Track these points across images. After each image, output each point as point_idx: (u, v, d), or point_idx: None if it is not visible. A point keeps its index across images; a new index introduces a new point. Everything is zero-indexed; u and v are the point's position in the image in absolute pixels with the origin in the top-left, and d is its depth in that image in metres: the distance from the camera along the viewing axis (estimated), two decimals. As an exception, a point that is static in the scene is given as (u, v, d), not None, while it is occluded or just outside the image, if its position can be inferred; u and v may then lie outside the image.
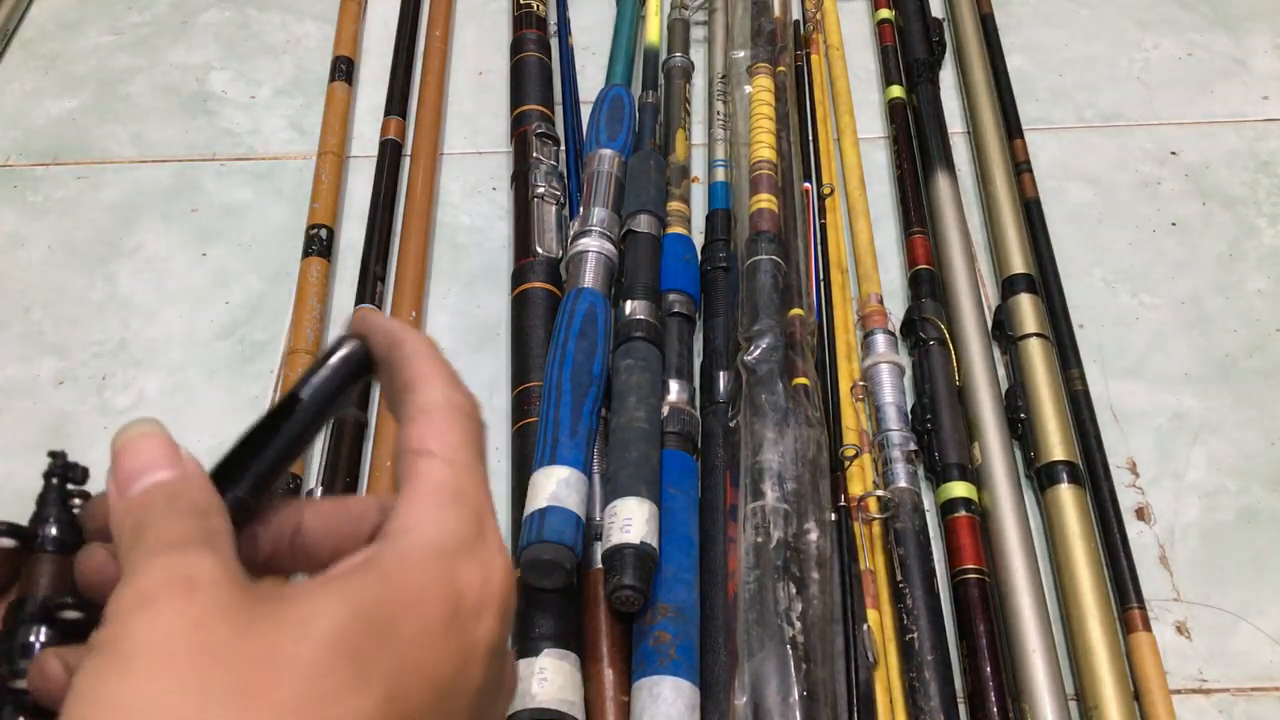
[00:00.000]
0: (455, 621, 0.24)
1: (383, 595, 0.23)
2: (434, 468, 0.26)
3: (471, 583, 0.25)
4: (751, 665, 0.53)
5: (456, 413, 0.27)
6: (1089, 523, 0.63)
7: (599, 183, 0.75)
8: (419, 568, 0.24)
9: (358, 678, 0.22)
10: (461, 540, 0.25)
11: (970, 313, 0.72)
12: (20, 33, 0.98)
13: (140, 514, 0.24)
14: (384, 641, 0.22)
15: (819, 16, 0.93)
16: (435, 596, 0.24)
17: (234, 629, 0.22)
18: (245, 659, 0.21)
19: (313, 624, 0.22)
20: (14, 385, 0.73)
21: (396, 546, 0.25)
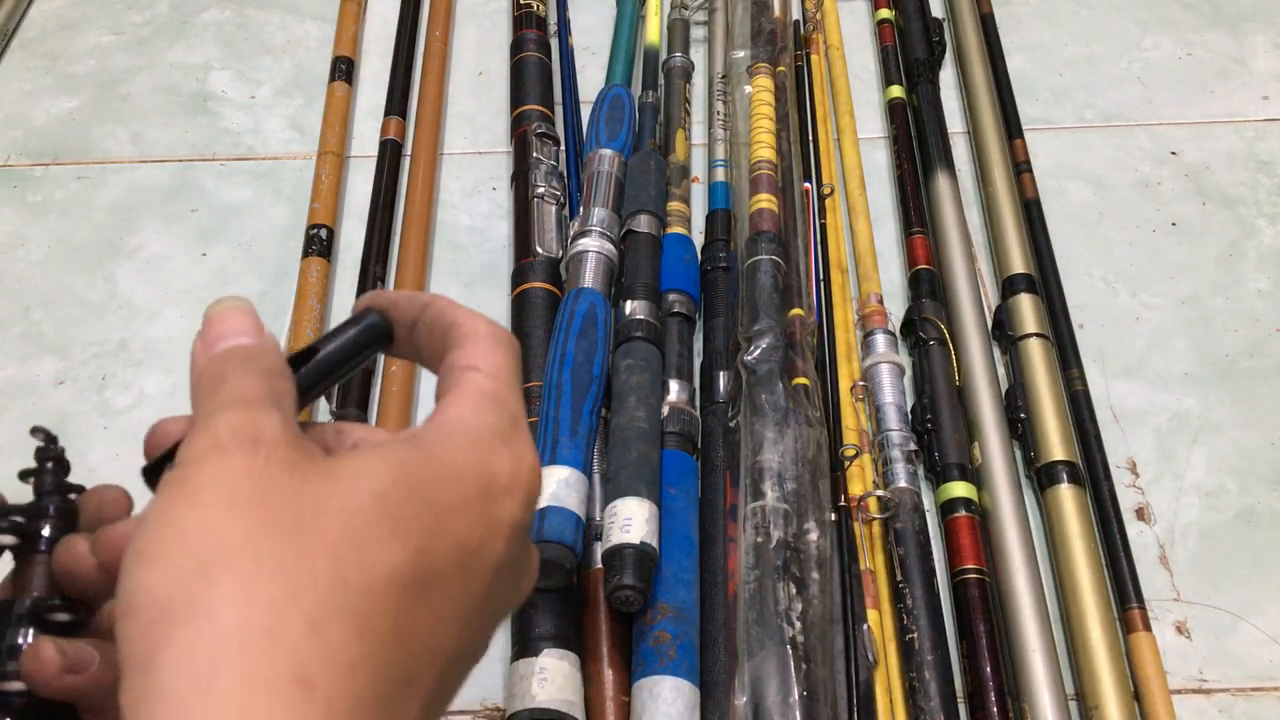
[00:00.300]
0: (486, 497, 0.27)
1: (424, 465, 0.26)
2: (477, 378, 0.29)
3: (503, 468, 0.27)
4: (751, 665, 0.53)
5: (499, 340, 0.30)
6: (1089, 523, 0.63)
7: (599, 183, 0.75)
8: (458, 447, 0.27)
9: (395, 531, 0.24)
10: (497, 432, 0.28)
11: (970, 313, 0.72)
12: (20, 33, 0.98)
13: (220, 368, 0.27)
14: (421, 505, 0.25)
15: (819, 16, 0.93)
16: (470, 473, 0.26)
17: (292, 478, 0.24)
18: (298, 505, 0.24)
19: (360, 481, 0.25)
20: (14, 385, 0.73)
21: (439, 429, 0.27)
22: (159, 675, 0.22)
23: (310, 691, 0.22)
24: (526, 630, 0.56)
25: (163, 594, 0.22)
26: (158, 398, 0.72)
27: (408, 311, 0.31)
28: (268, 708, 0.21)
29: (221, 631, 0.22)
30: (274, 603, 0.22)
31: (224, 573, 0.22)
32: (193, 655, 0.22)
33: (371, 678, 0.23)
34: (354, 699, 0.23)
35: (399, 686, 0.24)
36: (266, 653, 0.22)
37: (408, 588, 0.24)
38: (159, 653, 0.22)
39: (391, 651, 0.24)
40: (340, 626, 0.23)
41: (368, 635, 0.23)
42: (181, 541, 0.23)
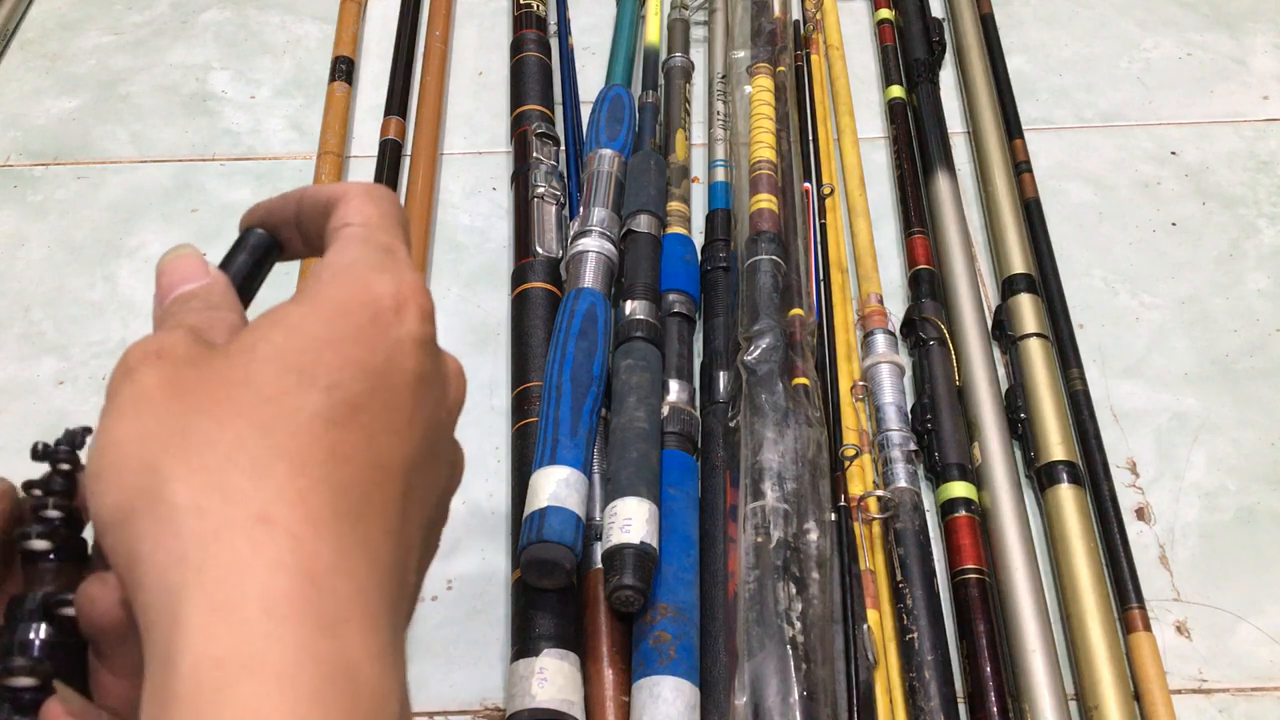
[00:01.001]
0: (377, 322, 0.28)
1: (309, 315, 0.28)
2: (350, 230, 0.31)
3: (385, 291, 0.28)
4: (751, 665, 0.53)
5: (370, 195, 0.32)
6: (1089, 523, 0.63)
7: (599, 183, 0.75)
8: (335, 288, 0.28)
9: (301, 379, 0.26)
10: (371, 263, 0.29)
11: (970, 313, 0.72)
12: (20, 33, 0.98)
13: (162, 317, 0.30)
14: (317, 349, 0.27)
15: (819, 16, 0.93)
16: (354, 304, 0.28)
17: (197, 370, 0.27)
18: (208, 387, 0.26)
19: (256, 350, 0.27)
20: (14, 385, 0.73)
21: (314, 278, 0.29)
22: (141, 563, 0.24)
23: (270, 525, 0.24)
24: (526, 630, 0.56)
25: (121, 501, 0.25)
26: (158, 398, 0.72)
27: (285, 212, 0.33)
28: (235, 549, 0.24)
29: (178, 504, 0.24)
30: (213, 468, 0.25)
31: (163, 460, 0.25)
32: (161, 533, 0.24)
33: (322, 501, 0.25)
34: (313, 522, 0.25)
35: (353, 502, 0.26)
36: (221, 507, 0.24)
37: (331, 419, 0.26)
38: (135, 546, 0.24)
39: (335, 475, 0.26)
40: (281, 467, 0.25)
41: (307, 467, 0.25)
42: (118, 451, 0.26)
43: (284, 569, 0.24)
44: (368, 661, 0.24)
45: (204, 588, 0.23)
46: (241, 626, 0.23)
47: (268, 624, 0.23)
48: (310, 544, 0.25)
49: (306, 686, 0.23)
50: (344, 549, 0.25)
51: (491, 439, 0.69)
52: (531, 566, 0.55)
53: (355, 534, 0.26)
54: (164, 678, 0.23)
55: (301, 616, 0.24)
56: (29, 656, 0.28)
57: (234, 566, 0.24)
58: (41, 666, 0.28)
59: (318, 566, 0.24)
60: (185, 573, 0.24)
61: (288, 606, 0.23)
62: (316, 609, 0.24)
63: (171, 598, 0.23)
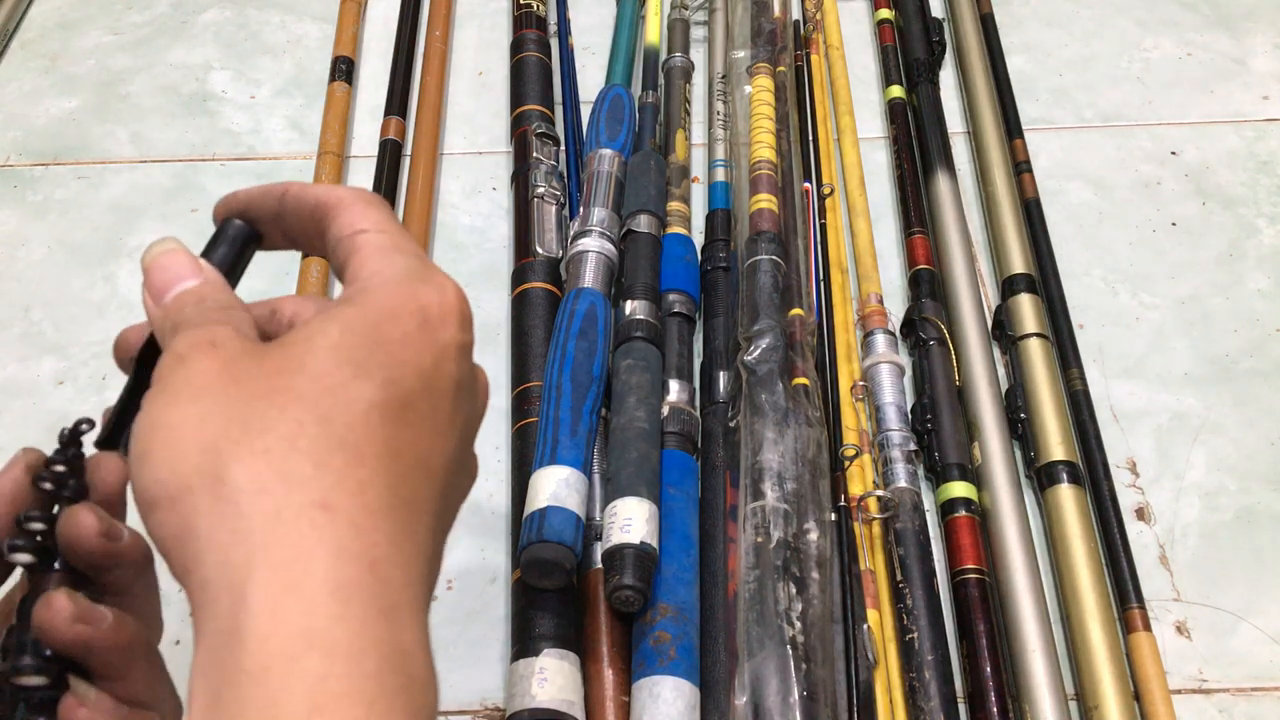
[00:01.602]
0: (425, 328, 0.29)
1: (363, 315, 0.28)
2: (369, 237, 0.31)
3: (431, 300, 0.29)
4: (751, 665, 0.53)
5: (369, 200, 0.32)
6: (1089, 523, 0.63)
7: (599, 183, 0.75)
8: (386, 294, 0.29)
9: (358, 372, 0.27)
10: (413, 273, 0.30)
11: (970, 313, 0.72)
12: (20, 33, 0.98)
13: (175, 316, 0.30)
14: (372, 345, 0.28)
15: (819, 16, 0.93)
16: (405, 312, 0.29)
17: (253, 362, 0.27)
18: (266, 376, 0.27)
19: (314, 341, 0.28)
20: (14, 385, 0.73)
21: (363, 286, 0.30)
22: (197, 539, 0.25)
23: (331, 512, 0.25)
24: (526, 630, 0.56)
25: (175, 479, 0.25)
26: (158, 398, 0.72)
27: (266, 206, 0.33)
28: (299, 532, 0.25)
29: (240, 485, 0.25)
30: (275, 452, 0.25)
31: (223, 444, 0.25)
32: (222, 512, 0.25)
33: (379, 493, 0.26)
34: (369, 512, 0.26)
35: (404, 497, 0.27)
36: (283, 491, 0.25)
37: (386, 413, 0.27)
38: (192, 522, 0.25)
39: (390, 468, 0.27)
40: (340, 457, 0.26)
41: (365, 459, 0.26)
42: (175, 433, 0.26)
43: (347, 555, 0.25)
44: (417, 648, 0.26)
45: (271, 566, 0.24)
46: (310, 606, 0.24)
47: (335, 605, 0.24)
48: (369, 533, 0.25)
49: (370, 666, 0.24)
50: (397, 540, 0.26)
51: (491, 439, 0.69)
52: (531, 566, 0.55)
53: (405, 527, 0.27)
54: (229, 651, 0.23)
55: (364, 601, 0.24)
56: (39, 656, 0.28)
57: (300, 548, 0.24)
58: (51, 665, 0.28)
59: (376, 555, 0.25)
60: (251, 550, 0.24)
61: (352, 590, 0.24)
62: (377, 595, 0.25)
63: (235, 574, 0.24)
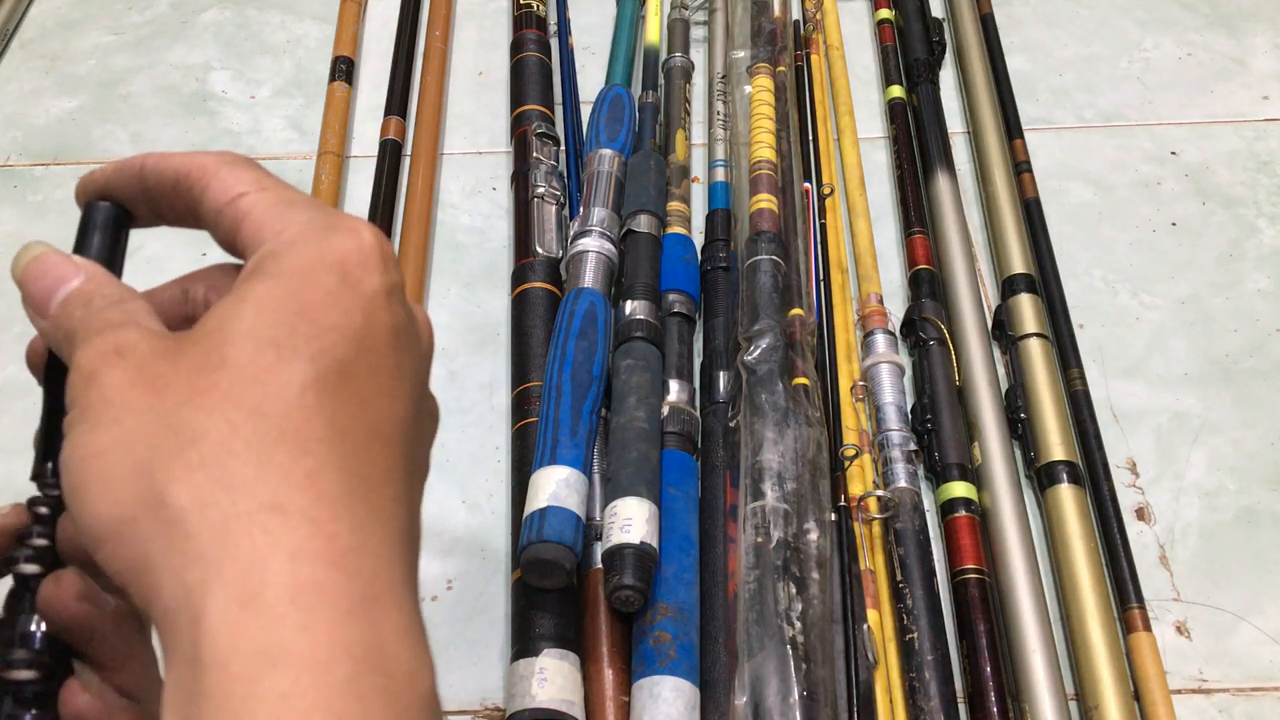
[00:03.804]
0: (346, 281, 0.27)
1: (275, 285, 0.26)
2: (254, 198, 0.29)
3: (347, 248, 0.27)
4: (751, 665, 0.53)
5: (233, 161, 0.30)
6: (1089, 523, 0.63)
7: (599, 183, 0.75)
8: (296, 255, 0.27)
9: (282, 352, 0.25)
10: (319, 224, 0.28)
11: (970, 313, 0.72)
12: (20, 33, 0.98)
13: (66, 325, 0.28)
14: (293, 318, 0.26)
15: (819, 16, 0.93)
16: (321, 268, 0.27)
17: (167, 363, 0.25)
18: (185, 378, 0.25)
19: (228, 329, 0.25)
20: (14, 385, 0.73)
21: (267, 252, 0.27)
22: (152, 569, 0.23)
23: (283, 513, 0.23)
24: (526, 630, 0.56)
25: (115, 511, 0.24)
26: (158, 398, 0.72)
27: (128, 184, 0.32)
28: (251, 543, 0.23)
29: (182, 505, 0.23)
30: (211, 461, 0.24)
31: (156, 464, 0.24)
32: (170, 536, 0.23)
33: (332, 479, 0.24)
34: (325, 503, 0.24)
35: (362, 475, 0.25)
36: (228, 501, 0.23)
37: (323, 389, 0.25)
38: (143, 551, 0.23)
39: (339, 449, 0.25)
40: (282, 450, 0.24)
41: (310, 446, 0.24)
42: (103, 461, 0.24)
43: (304, 556, 0.23)
44: (397, 640, 0.24)
45: (224, 582, 0.23)
46: (268, 618, 0.22)
47: (295, 614, 0.23)
48: (328, 526, 0.24)
49: (340, 674, 0.22)
50: (360, 525, 0.25)
51: (491, 439, 0.69)
52: (531, 566, 0.55)
53: (369, 507, 0.25)
54: (192, 677, 0.22)
55: (330, 602, 0.23)
56: (30, 649, 0.28)
57: (253, 559, 0.23)
58: (42, 659, 0.28)
59: (338, 548, 0.24)
60: (204, 569, 0.23)
61: (314, 594, 0.23)
62: (344, 592, 0.23)
63: (191, 596, 0.23)
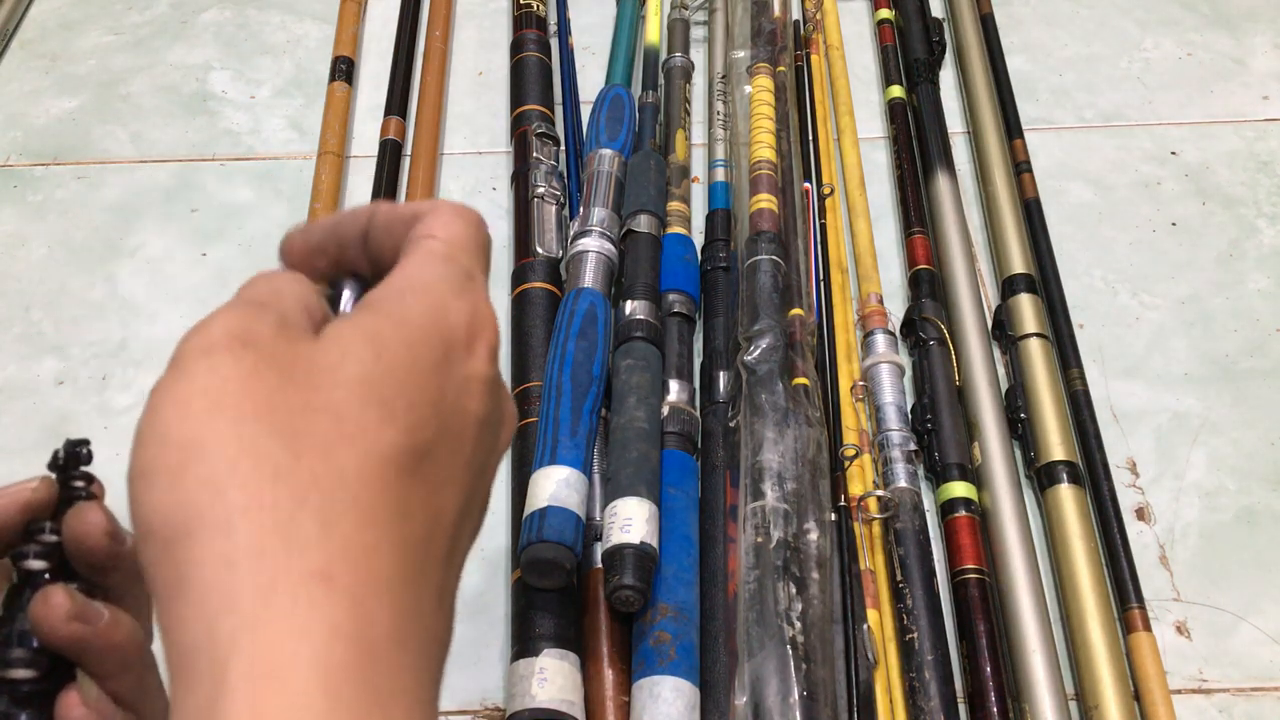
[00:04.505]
0: (450, 356, 0.27)
1: (394, 332, 0.26)
2: (431, 243, 0.29)
3: (460, 320, 0.27)
4: (751, 665, 0.53)
5: (460, 214, 0.31)
6: (1089, 523, 0.63)
7: (599, 183, 0.75)
8: (416, 305, 0.27)
9: (383, 415, 0.25)
10: (448, 283, 0.28)
11: (970, 313, 0.72)
12: (20, 33, 0.98)
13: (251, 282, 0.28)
14: (402, 378, 0.25)
15: (819, 16, 0.93)
16: (433, 332, 0.26)
17: (280, 378, 0.24)
18: (288, 405, 0.24)
19: (343, 369, 0.25)
20: (14, 385, 0.73)
21: (395, 287, 0.27)
22: (187, 596, 0.22)
23: (331, 584, 0.22)
24: (526, 630, 0.56)
25: (173, 512, 0.23)
26: (158, 398, 0.72)
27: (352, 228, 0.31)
28: (293, 608, 0.22)
29: (237, 542, 0.22)
30: (281, 506, 0.23)
31: (228, 483, 0.23)
32: (216, 569, 0.22)
33: (388, 558, 0.24)
34: (375, 583, 0.23)
35: (416, 559, 0.25)
36: (283, 556, 0.22)
37: (403, 466, 0.25)
38: (184, 572, 0.23)
39: (401, 529, 0.24)
40: (350, 518, 0.23)
41: (376, 521, 0.24)
42: (179, 454, 0.23)
43: (342, 636, 0.22)
44: None
45: (256, 646, 0.22)
46: (295, 700, 0.21)
47: (322, 699, 0.21)
48: (371, 609, 0.23)
49: None
50: (401, 614, 0.24)
51: (491, 439, 0.69)
52: (531, 566, 0.55)
53: (411, 597, 0.24)
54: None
55: (357, 692, 0.22)
56: (28, 648, 0.28)
57: (290, 627, 0.22)
58: (40, 659, 0.28)
59: (376, 634, 0.23)
60: (238, 624, 0.22)
61: (343, 679, 0.22)
62: (372, 683, 0.22)
63: (219, 650, 0.22)
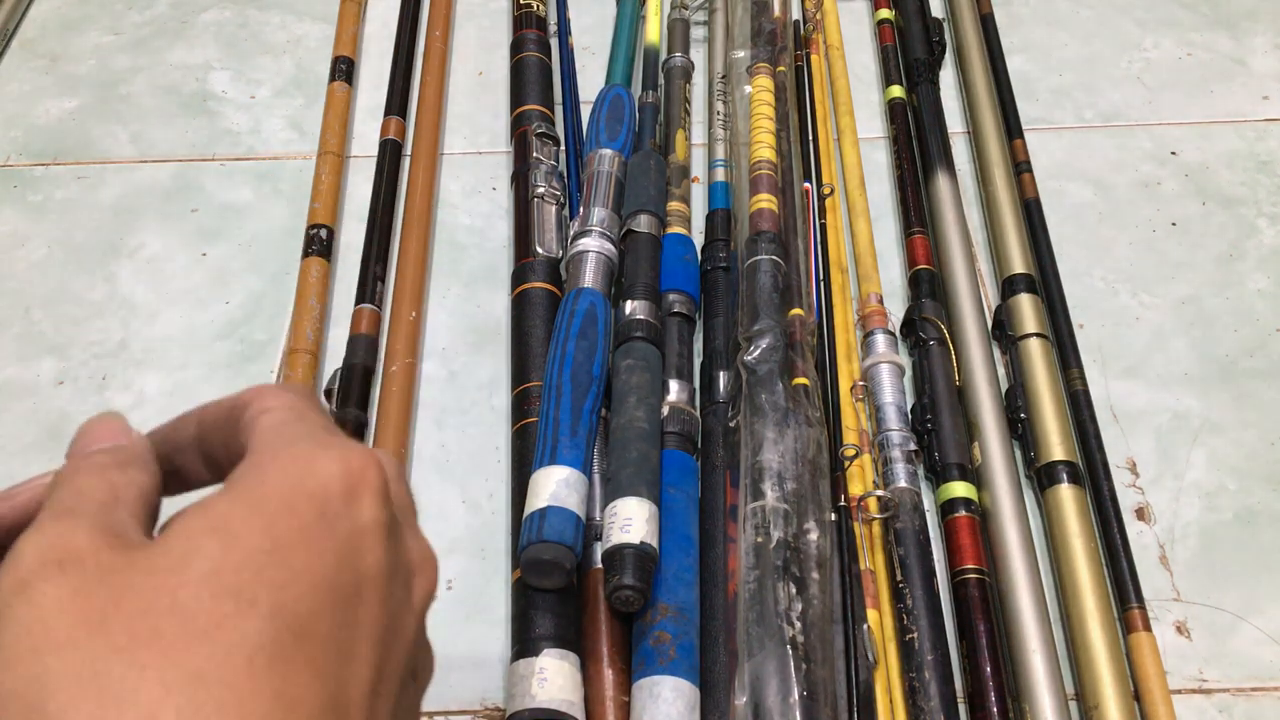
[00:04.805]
0: (325, 517, 0.24)
1: (248, 515, 0.23)
2: (274, 414, 0.27)
3: (331, 472, 0.24)
4: (751, 665, 0.53)
5: (282, 389, 0.28)
6: (1089, 523, 0.63)
7: (599, 183, 0.75)
8: (275, 476, 0.24)
9: (240, 605, 0.22)
10: (310, 441, 0.25)
11: (970, 313, 0.72)
12: (20, 33, 0.98)
13: (69, 472, 0.25)
14: (258, 560, 0.22)
15: (819, 16, 0.93)
16: (299, 497, 0.24)
17: (112, 592, 0.22)
18: (125, 616, 0.21)
19: (188, 567, 0.22)
20: (14, 385, 0.73)
21: (249, 467, 0.25)
22: None
23: None
24: (526, 630, 0.56)
25: None
26: (158, 398, 0.72)
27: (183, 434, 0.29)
28: None
29: None
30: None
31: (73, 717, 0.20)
32: None
33: None
34: None
35: None
36: None
37: (276, 654, 0.22)
38: None
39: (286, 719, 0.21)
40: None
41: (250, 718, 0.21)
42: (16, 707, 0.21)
43: None
44: None
45: None
46: None
47: None
48: None
49: None
50: None
51: (491, 439, 0.69)
52: (531, 566, 0.55)
53: None
54: None
55: None
56: None
57: None
58: None
59: None
60: None
61: None
62: None
63: None
